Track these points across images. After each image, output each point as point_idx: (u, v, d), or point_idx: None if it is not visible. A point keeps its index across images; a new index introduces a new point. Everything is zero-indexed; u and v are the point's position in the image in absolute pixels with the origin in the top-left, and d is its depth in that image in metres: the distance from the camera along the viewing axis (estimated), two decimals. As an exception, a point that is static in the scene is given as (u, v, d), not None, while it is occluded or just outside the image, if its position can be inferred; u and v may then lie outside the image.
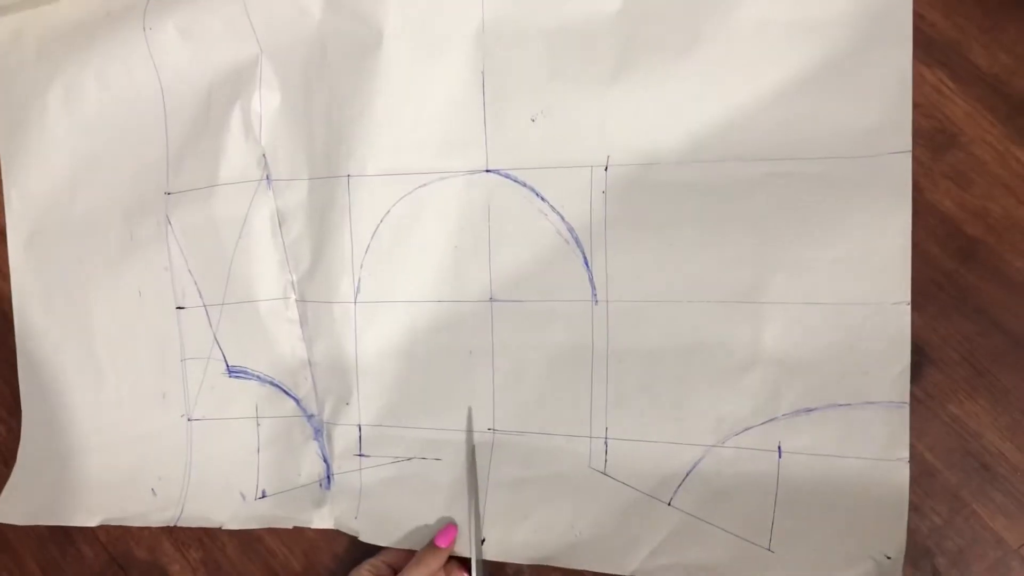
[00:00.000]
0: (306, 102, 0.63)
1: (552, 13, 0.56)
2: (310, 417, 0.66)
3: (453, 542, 0.59)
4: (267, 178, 0.65)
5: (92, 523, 0.71)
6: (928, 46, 0.51)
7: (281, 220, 0.65)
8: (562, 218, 0.56)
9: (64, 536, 0.74)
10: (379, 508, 0.63)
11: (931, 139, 0.51)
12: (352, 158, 0.61)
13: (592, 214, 0.56)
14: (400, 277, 0.61)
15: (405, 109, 0.60)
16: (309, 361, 0.66)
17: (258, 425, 0.67)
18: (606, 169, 0.55)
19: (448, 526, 0.59)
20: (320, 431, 0.66)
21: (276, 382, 0.67)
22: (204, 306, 0.68)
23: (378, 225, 0.61)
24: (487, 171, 0.58)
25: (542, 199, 0.57)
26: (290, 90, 0.64)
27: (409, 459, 0.62)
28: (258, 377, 0.67)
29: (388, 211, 0.61)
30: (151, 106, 0.68)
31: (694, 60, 0.53)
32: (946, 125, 0.51)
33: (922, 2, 0.50)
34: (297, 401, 0.67)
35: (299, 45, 0.62)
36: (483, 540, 0.58)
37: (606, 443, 0.56)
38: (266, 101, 0.64)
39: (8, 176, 0.74)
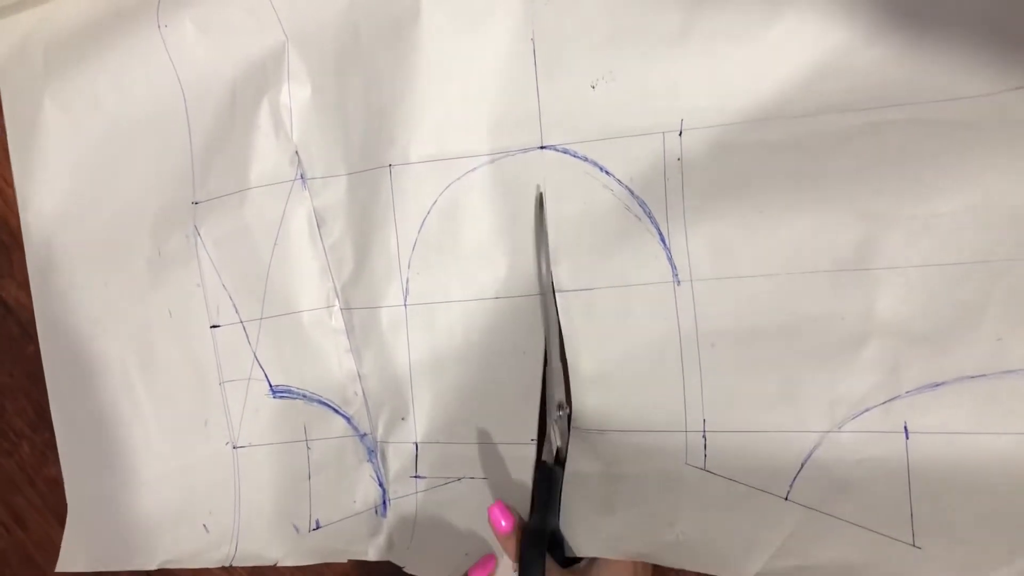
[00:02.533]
0: (339, 90, 0.56)
1: None
2: (363, 436, 0.60)
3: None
4: (301, 177, 0.59)
5: (151, 566, 0.65)
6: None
7: (320, 222, 0.58)
8: (631, 192, 0.49)
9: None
10: (430, 538, 0.56)
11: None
12: (394, 146, 0.54)
13: (667, 185, 0.48)
14: (452, 274, 0.55)
15: (448, 87, 0.53)
16: (358, 374, 0.59)
17: (308, 449, 0.61)
18: (680, 134, 0.48)
19: (487, 557, 0.52)
20: (374, 451, 0.59)
21: (324, 400, 0.60)
22: (241, 322, 0.62)
23: (425, 218, 0.54)
24: (542, 148, 0.51)
25: (607, 173, 0.50)
26: (321, 79, 0.57)
27: (460, 479, 0.55)
28: (304, 396, 0.61)
29: (435, 201, 0.54)
30: (171, 110, 0.62)
31: (776, 8, 0.46)
32: None
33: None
34: (348, 419, 0.60)
35: (328, 28, 0.56)
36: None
37: (704, 437, 0.49)
38: (295, 94, 0.58)
39: (24, 198, 0.68)
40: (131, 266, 0.65)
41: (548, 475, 0.52)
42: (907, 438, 0.45)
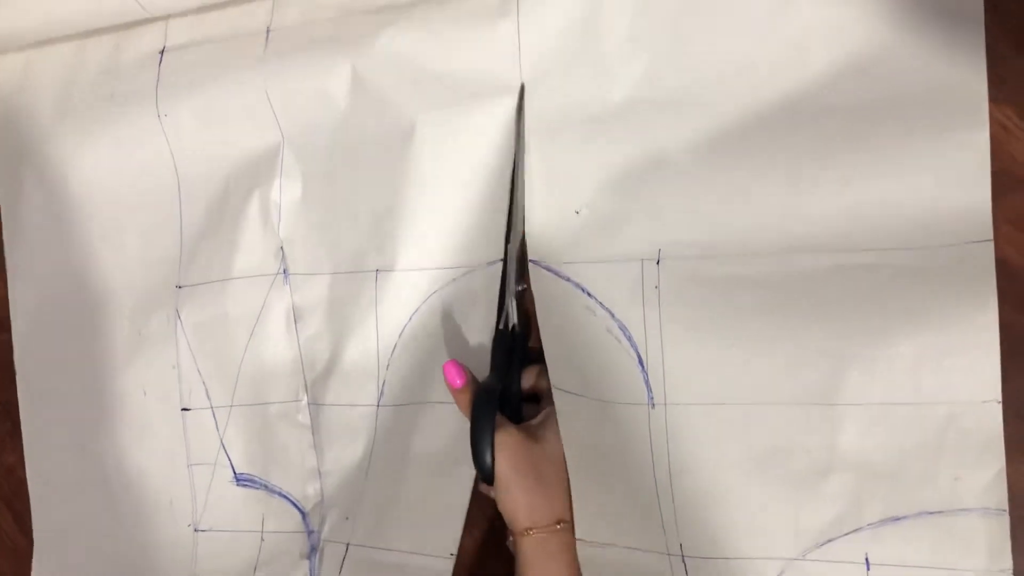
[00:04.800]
0: (330, 193, 0.56)
1: (597, 101, 0.50)
2: (310, 533, 0.58)
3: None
4: (284, 272, 0.58)
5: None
6: (995, 80, 0.45)
7: (297, 316, 0.57)
8: (612, 315, 0.49)
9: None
10: None
11: (993, 181, 0.44)
12: (381, 253, 0.54)
13: (646, 311, 0.49)
14: (430, 378, 0.54)
15: (437, 200, 0.53)
16: (319, 471, 0.57)
17: (262, 540, 0.59)
18: (658, 263, 0.48)
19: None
20: (315, 549, 0.58)
21: (284, 493, 0.58)
22: (211, 408, 0.60)
23: (406, 323, 0.54)
24: (531, 261, 0.51)
25: (589, 295, 0.50)
26: (312, 180, 0.57)
27: None
28: (266, 486, 0.59)
29: (418, 308, 0.54)
30: (165, 194, 0.61)
31: (751, 146, 0.47)
32: (1010, 166, 0.45)
33: (990, 33, 0.44)
34: (304, 515, 0.58)
35: (323, 133, 0.56)
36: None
37: (684, 561, 0.48)
38: (286, 190, 0.58)
39: (12, 264, 0.67)
40: (110, 342, 0.63)
41: (503, 340, 0.52)
42: (868, 569, 0.45)
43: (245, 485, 0.59)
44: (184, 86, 0.59)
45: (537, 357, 0.52)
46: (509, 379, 0.51)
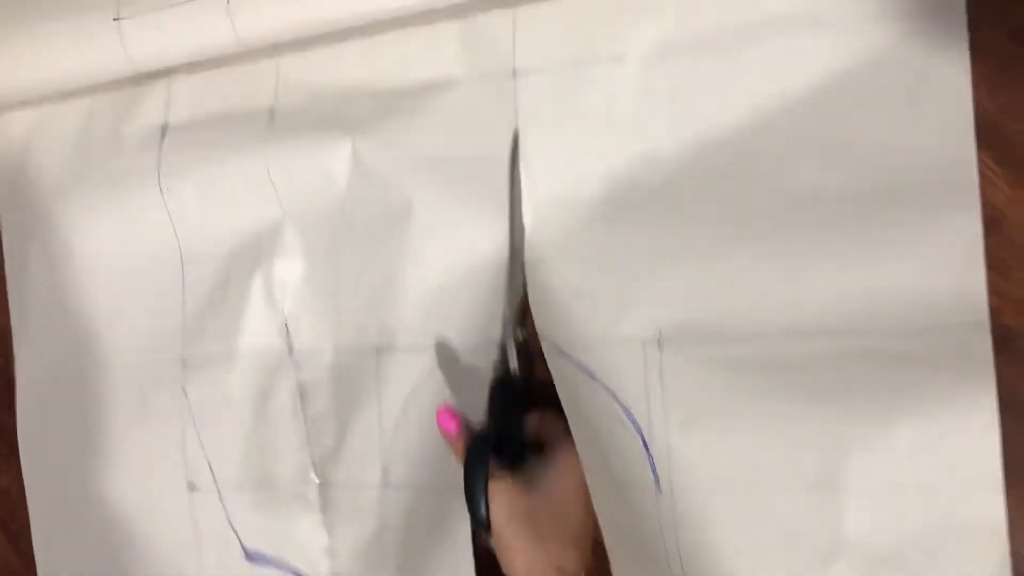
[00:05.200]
0: (332, 270, 0.56)
1: (595, 188, 0.50)
2: (320, 614, 0.57)
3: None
4: (289, 349, 0.58)
5: None
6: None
7: (303, 394, 0.57)
8: (615, 398, 0.49)
9: None
10: None
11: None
12: (382, 330, 0.54)
13: (649, 394, 0.48)
14: (432, 460, 0.54)
15: (436, 279, 0.53)
16: (330, 549, 0.57)
17: (270, 622, 0.59)
18: (659, 345, 0.48)
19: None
20: None
21: (296, 570, 0.58)
22: (217, 486, 0.60)
23: (408, 401, 0.54)
24: (541, 338, 0.51)
25: (593, 378, 0.50)
26: (315, 257, 0.57)
27: None
28: (277, 565, 0.58)
29: (419, 386, 0.54)
30: (168, 267, 0.61)
31: (747, 231, 0.47)
32: (988, 210, 0.45)
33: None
34: None
35: (325, 211, 0.56)
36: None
37: None
38: (289, 268, 0.58)
39: (17, 331, 0.67)
40: (115, 414, 0.63)
41: (502, 386, 0.51)
42: None
43: (256, 562, 0.59)
44: (186, 162, 0.59)
45: (539, 403, 0.52)
46: (509, 426, 0.50)
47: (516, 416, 0.51)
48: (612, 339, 0.49)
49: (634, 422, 0.49)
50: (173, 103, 0.61)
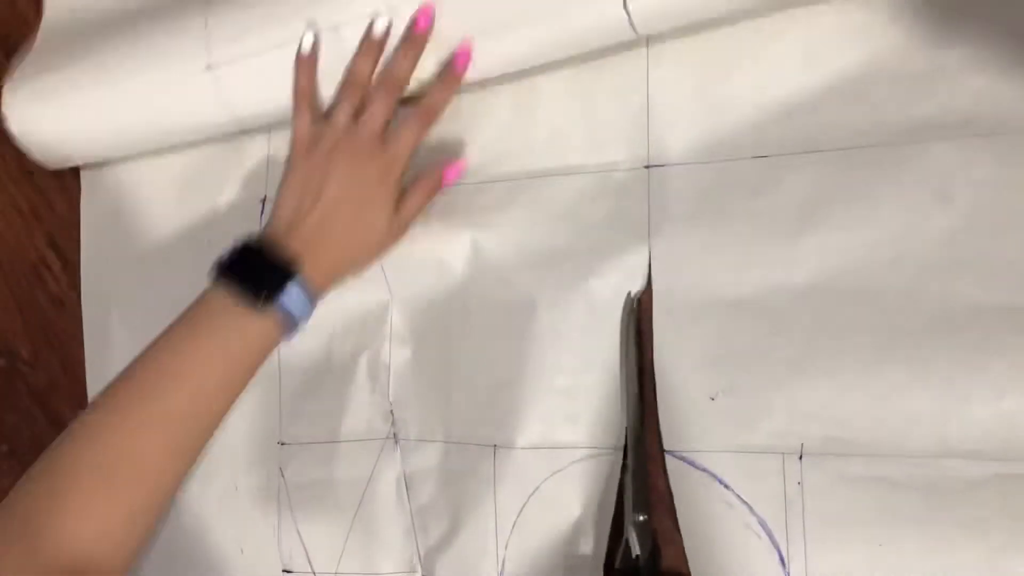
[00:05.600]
0: (443, 360, 0.54)
1: (733, 285, 0.47)
2: None
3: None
4: (394, 436, 0.56)
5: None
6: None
7: (408, 484, 0.55)
8: (751, 510, 0.46)
9: None
10: None
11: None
12: (501, 428, 0.52)
13: (787, 507, 0.46)
14: (549, 560, 0.51)
15: (560, 380, 0.51)
16: None
17: None
18: (800, 458, 0.46)
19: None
20: None
21: None
22: (314, 574, 0.58)
23: (526, 501, 0.51)
24: (666, 452, 0.49)
25: (726, 487, 0.47)
26: (424, 344, 0.55)
27: None
28: None
29: (538, 487, 0.51)
30: None
31: (900, 346, 0.44)
32: None
33: None
34: None
35: (437, 299, 0.54)
36: None
37: None
38: (396, 353, 0.56)
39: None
40: (206, 494, 0.61)
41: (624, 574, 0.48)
42: None
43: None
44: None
45: None
46: None
47: None
48: (749, 448, 0.46)
49: (770, 535, 0.46)
50: (272, 176, 0.60)
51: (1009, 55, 0.43)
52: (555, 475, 0.51)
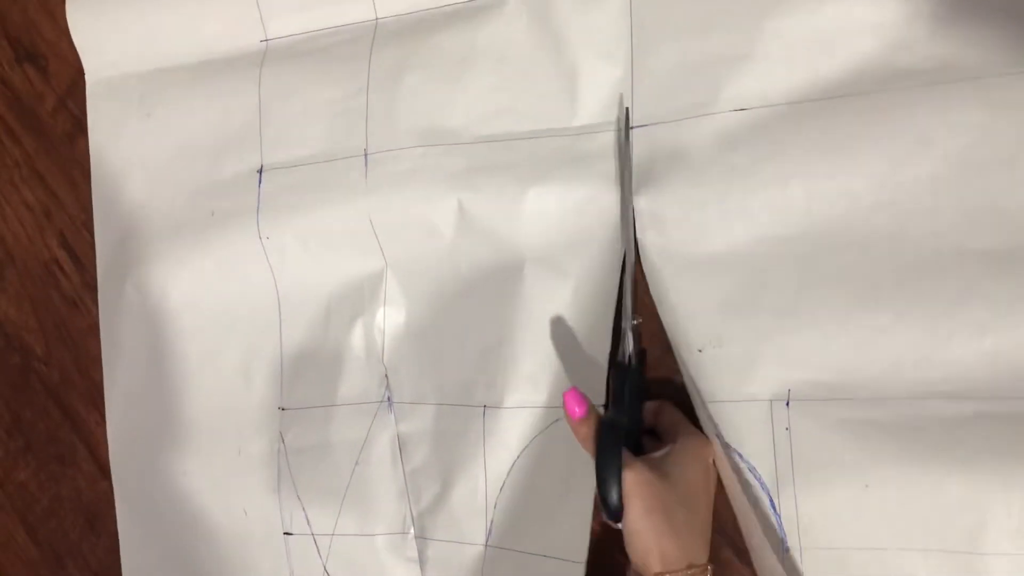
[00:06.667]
0: (436, 322, 0.54)
1: (717, 239, 0.47)
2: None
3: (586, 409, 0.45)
4: (389, 400, 0.55)
5: None
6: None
7: (402, 446, 0.55)
8: (741, 456, 0.46)
9: None
10: None
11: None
12: (491, 389, 0.51)
13: (776, 452, 0.45)
14: (538, 524, 0.50)
15: (547, 339, 0.50)
16: None
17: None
18: (787, 404, 0.45)
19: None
20: None
21: None
22: (312, 535, 0.57)
23: (515, 461, 0.51)
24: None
25: (717, 435, 0.46)
26: (417, 308, 0.54)
27: None
28: None
29: (527, 446, 0.51)
30: (265, 314, 0.59)
31: (884, 292, 0.43)
32: None
33: None
34: None
35: (429, 264, 0.54)
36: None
37: None
38: (390, 317, 0.55)
39: (108, 371, 0.66)
40: (210, 459, 0.61)
41: (623, 374, 0.47)
42: None
43: (354, 613, 0.56)
44: (286, 209, 0.57)
45: (653, 391, 0.49)
46: (628, 412, 0.47)
47: (635, 404, 0.47)
48: (738, 395, 0.46)
49: (759, 480, 0.45)
50: (266, 145, 0.59)
51: (986, 1, 0.43)
52: (542, 434, 0.50)
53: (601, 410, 0.48)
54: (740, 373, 0.46)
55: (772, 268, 0.45)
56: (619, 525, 0.43)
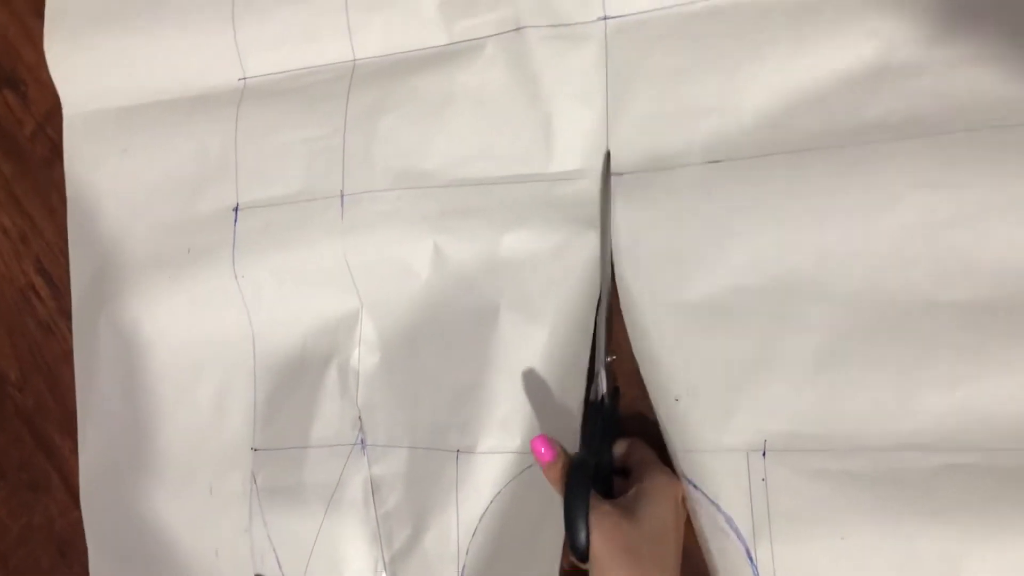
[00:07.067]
0: (410, 364, 0.53)
1: (692, 288, 0.46)
2: None
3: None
4: (362, 442, 0.54)
5: None
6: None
7: (374, 489, 0.54)
8: (718, 508, 0.45)
9: None
10: None
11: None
12: (464, 433, 0.50)
13: (753, 504, 0.44)
14: (509, 570, 0.49)
15: (521, 384, 0.49)
16: None
17: None
18: (764, 454, 0.44)
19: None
20: None
21: None
22: None
23: (487, 507, 0.50)
24: None
25: (694, 486, 0.46)
26: (392, 350, 0.53)
27: None
28: None
29: (499, 492, 0.50)
30: (240, 352, 0.58)
31: (857, 342, 0.43)
32: None
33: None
34: None
35: (404, 305, 0.53)
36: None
37: None
38: (365, 359, 0.54)
39: (82, 404, 0.64)
40: (181, 497, 0.60)
41: (596, 412, 0.47)
42: None
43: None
44: (261, 248, 0.56)
45: (627, 429, 0.49)
46: (599, 452, 0.47)
47: (606, 443, 0.47)
48: (715, 446, 0.45)
49: (737, 531, 0.44)
50: (242, 183, 0.58)
51: (950, 56, 0.42)
52: (514, 480, 0.49)
53: (576, 448, 0.47)
54: (716, 423, 0.45)
55: (746, 318, 0.45)
56: (586, 566, 0.42)
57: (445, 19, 0.53)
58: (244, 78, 0.59)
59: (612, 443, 0.48)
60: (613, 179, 0.49)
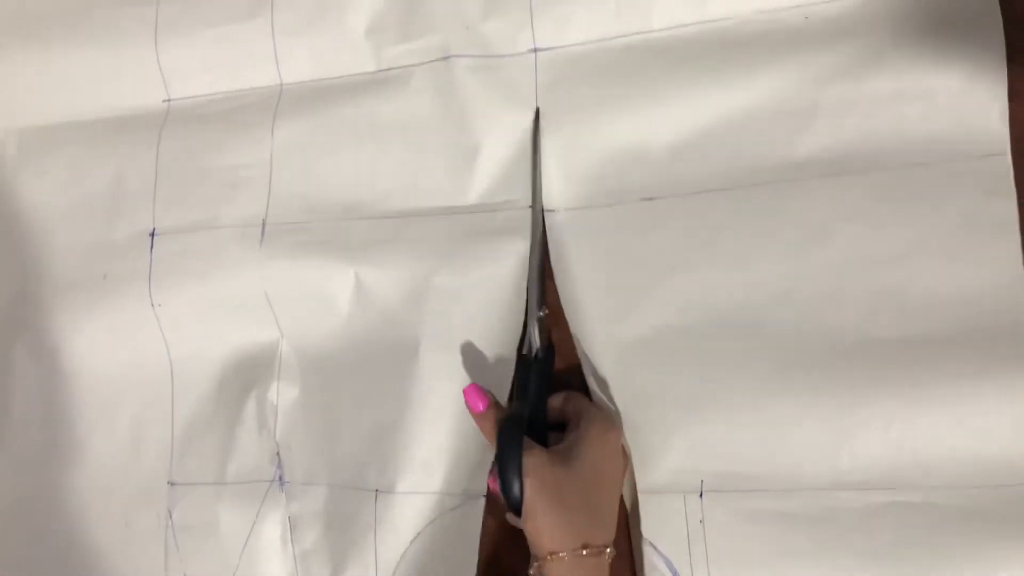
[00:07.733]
0: (330, 399, 0.50)
1: (625, 328, 0.45)
2: None
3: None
4: (280, 478, 0.52)
5: None
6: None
7: (292, 527, 0.51)
8: (656, 549, 0.43)
9: None
10: None
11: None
12: (383, 473, 0.48)
13: (691, 547, 0.43)
14: None
15: (441, 423, 0.47)
16: None
17: None
18: (701, 495, 0.43)
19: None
20: None
21: None
22: None
23: (406, 549, 0.48)
24: None
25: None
26: (312, 384, 0.51)
27: None
28: None
29: (418, 534, 0.48)
30: (158, 382, 0.55)
31: (788, 380, 0.42)
32: None
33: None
34: None
35: (325, 337, 0.50)
36: None
37: None
38: (284, 393, 0.52)
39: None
40: (96, 530, 0.56)
41: (527, 366, 0.46)
42: None
43: None
44: (178, 275, 0.54)
45: (561, 383, 0.47)
46: (533, 405, 0.46)
47: (541, 396, 0.46)
48: (651, 488, 0.44)
49: (675, 574, 0.43)
50: (159, 208, 0.56)
51: (880, 92, 0.42)
52: (434, 522, 0.47)
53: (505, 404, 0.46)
54: (654, 464, 0.44)
55: (679, 357, 0.44)
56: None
57: (373, 46, 0.51)
58: (169, 100, 0.57)
59: (547, 397, 0.46)
60: (547, 216, 0.47)
